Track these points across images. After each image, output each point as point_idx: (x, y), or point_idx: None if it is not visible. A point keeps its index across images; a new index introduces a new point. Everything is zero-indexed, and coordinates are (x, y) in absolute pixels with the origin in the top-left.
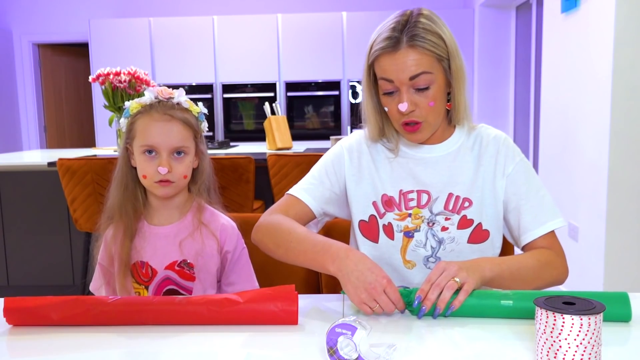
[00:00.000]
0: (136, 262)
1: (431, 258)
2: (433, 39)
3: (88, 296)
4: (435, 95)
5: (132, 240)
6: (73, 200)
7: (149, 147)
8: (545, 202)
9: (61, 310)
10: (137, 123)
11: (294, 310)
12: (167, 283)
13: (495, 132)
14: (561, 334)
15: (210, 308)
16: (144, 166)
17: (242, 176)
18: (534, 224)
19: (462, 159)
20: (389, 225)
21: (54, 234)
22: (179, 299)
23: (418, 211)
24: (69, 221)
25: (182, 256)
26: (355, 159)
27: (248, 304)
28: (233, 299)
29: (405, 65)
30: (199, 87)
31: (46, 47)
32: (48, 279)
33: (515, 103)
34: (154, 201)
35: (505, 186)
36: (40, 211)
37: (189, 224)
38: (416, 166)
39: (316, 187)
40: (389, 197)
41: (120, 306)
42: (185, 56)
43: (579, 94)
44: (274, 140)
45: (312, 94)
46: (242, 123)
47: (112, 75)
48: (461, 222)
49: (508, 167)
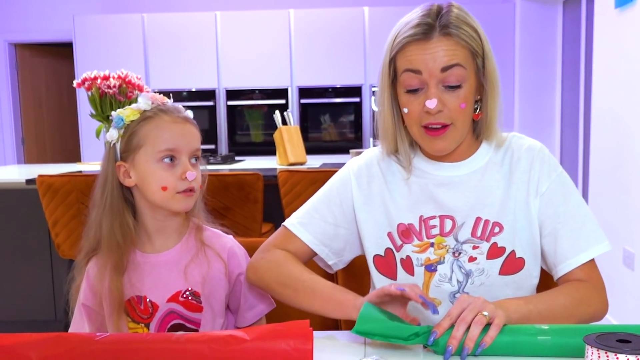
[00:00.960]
0: (131, 298)
1: (458, 294)
2: (469, 30)
3: (72, 333)
4: (467, 95)
5: (123, 275)
6: (55, 223)
7: (169, 151)
8: (587, 225)
9: (41, 349)
10: (143, 130)
11: (309, 349)
12: (171, 317)
13: (528, 143)
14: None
15: (212, 347)
16: (164, 176)
17: (249, 195)
18: (572, 251)
19: (490, 177)
20: (407, 259)
21: (33, 262)
22: (177, 336)
23: (441, 240)
24: (50, 247)
25: (187, 284)
26: (364, 185)
27: (256, 342)
28: (239, 336)
29: (437, 55)
30: (199, 94)
31: (24, 47)
32: (26, 313)
33: (562, 111)
34: (149, 225)
35: (539, 207)
36: (17, 235)
37: (191, 247)
38: (437, 188)
39: (316, 221)
40: (407, 225)
41: (110, 344)
42: (184, 58)
43: (636, 101)
44: (286, 154)
45: (329, 101)
46: (248, 134)
47: (100, 80)
48: (491, 250)
49: (542, 185)
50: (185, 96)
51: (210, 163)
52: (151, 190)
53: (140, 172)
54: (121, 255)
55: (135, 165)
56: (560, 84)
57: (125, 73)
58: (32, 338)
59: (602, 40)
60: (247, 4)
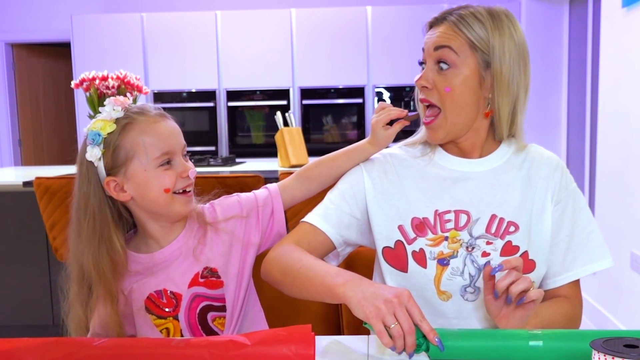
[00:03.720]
0: (150, 295)
1: (469, 288)
2: (475, 25)
3: (70, 338)
4: (452, 81)
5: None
6: (53, 225)
7: (165, 155)
8: (592, 241)
9: (38, 355)
10: (128, 140)
11: (311, 354)
12: (198, 302)
13: (548, 154)
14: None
15: (213, 352)
16: (165, 179)
17: None
18: (574, 264)
19: (507, 176)
20: (420, 252)
21: (30, 265)
22: (177, 341)
23: (456, 234)
24: (47, 250)
25: (201, 264)
26: (376, 179)
27: (257, 347)
28: (240, 341)
29: (435, 35)
30: (199, 94)
31: (21, 47)
32: (23, 318)
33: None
34: (156, 233)
35: (551, 218)
36: (14, 238)
37: (195, 230)
38: (455, 183)
39: (334, 212)
40: (421, 219)
41: (108, 350)
42: (184, 58)
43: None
44: (287, 155)
45: (332, 102)
46: (249, 136)
47: (98, 80)
48: (505, 248)
49: (559, 196)
50: (185, 97)
51: (210, 165)
52: (152, 197)
53: (138, 182)
54: (110, 286)
55: (130, 178)
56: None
57: (124, 73)
58: (29, 343)
59: (609, 40)
60: (248, 3)
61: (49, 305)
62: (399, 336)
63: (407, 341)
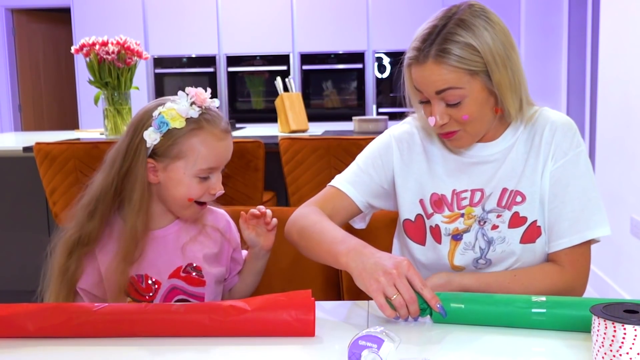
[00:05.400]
0: (131, 278)
1: (481, 260)
2: (464, 54)
3: (70, 303)
4: (469, 109)
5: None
6: (53, 191)
7: (209, 170)
8: (590, 208)
9: (39, 320)
10: (189, 143)
11: (311, 319)
12: (174, 293)
13: (555, 117)
14: (622, 347)
15: (212, 317)
16: (195, 189)
17: (249, 163)
18: (569, 231)
19: (516, 151)
20: (436, 227)
21: (30, 231)
22: (177, 307)
23: (471, 210)
24: (47, 216)
25: (186, 260)
26: (405, 151)
27: (257, 313)
28: (240, 306)
29: (430, 80)
30: (199, 60)
31: (21, 12)
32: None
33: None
34: (155, 212)
35: (549, 181)
36: (14, 204)
37: (191, 228)
38: (470, 166)
39: (362, 179)
40: (440, 196)
41: (108, 315)
42: (184, 23)
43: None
44: (287, 121)
45: (332, 67)
46: (249, 101)
47: (98, 46)
48: (513, 219)
49: (557, 160)
50: (185, 62)
51: None
52: (175, 196)
53: (172, 178)
54: (135, 247)
55: (169, 172)
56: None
57: (124, 39)
58: (29, 308)
59: (609, 5)
60: None
61: None
62: (402, 306)
63: (410, 310)
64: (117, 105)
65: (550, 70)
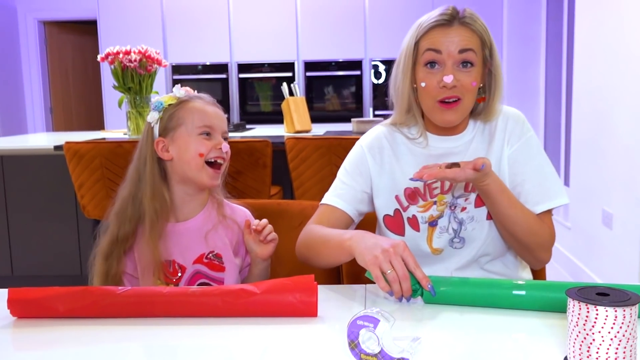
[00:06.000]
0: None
1: (455, 239)
2: (482, 25)
3: (96, 287)
4: (476, 76)
5: (159, 242)
6: (80, 185)
7: (207, 127)
8: (548, 181)
9: (68, 302)
10: (182, 111)
11: (314, 301)
12: (197, 277)
13: (506, 109)
14: (595, 326)
15: (225, 299)
16: (201, 145)
17: (258, 160)
18: (531, 203)
19: (477, 142)
20: (413, 217)
21: (60, 222)
22: (193, 290)
23: (442, 197)
24: (76, 208)
25: (209, 248)
26: (377, 156)
27: (265, 295)
28: (249, 289)
29: (457, 39)
30: (213, 67)
31: (52, 24)
32: (54, 269)
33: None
34: (177, 198)
35: (507, 163)
36: (46, 197)
37: (212, 217)
38: (438, 158)
39: (347, 191)
40: (413, 189)
41: (130, 297)
42: (199, 34)
43: (614, 74)
44: (292, 122)
45: (333, 74)
46: (258, 104)
47: (122, 55)
48: (478, 199)
49: (513, 144)
50: (200, 69)
51: None
52: (187, 158)
53: (179, 145)
54: (159, 223)
55: (175, 140)
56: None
57: (145, 48)
58: (59, 291)
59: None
60: None
61: (78, 257)
62: (395, 281)
63: (403, 286)
64: (138, 108)
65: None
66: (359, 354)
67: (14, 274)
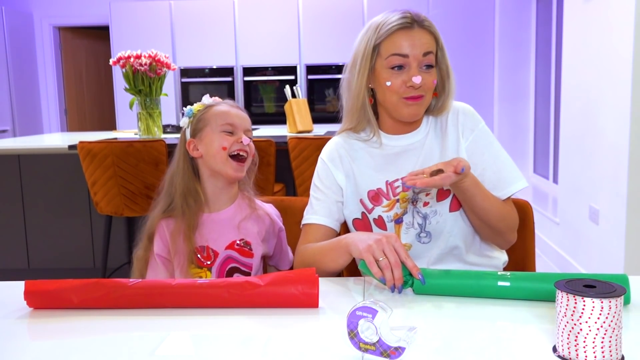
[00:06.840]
0: (196, 248)
1: (422, 234)
2: (435, 28)
3: (108, 279)
4: (435, 75)
5: (195, 232)
6: (94, 183)
7: (229, 125)
8: (506, 168)
9: (81, 293)
10: (210, 113)
11: (315, 293)
12: (229, 262)
13: (456, 104)
14: (582, 317)
15: (230, 291)
16: (224, 139)
17: (263, 159)
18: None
19: (431, 138)
20: (379, 218)
21: (74, 217)
22: (200, 282)
23: (404, 195)
24: (89, 204)
25: (240, 235)
26: (338, 164)
27: (269, 287)
28: (254, 281)
29: (420, 42)
30: (219, 70)
31: (67, 30)
32: (68, 262)
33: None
34: (209, 191)
35: (466, 157)
36: (60, 194)
37: (243, 209)
38: (395, 156)
39: (323, 205)
40: (375, 190)
41: (140, 289)
42: (206, 39)
43: (600, 78)
44: (295, 123)
45: (333, 76)
46: (262, 106)
47: (133, 59)
48: (439, 193)
49: (467, 136)
50: (207, 72)
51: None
52: (213, 153)
53: (206, 142)
54: (193, 215)
55: (202, 139)
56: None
57: (155, 52)
58: (73, 284)
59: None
60: None
61: (91, 251)
62: (387, 268)
63: (395, 274)
64: (149, 110)
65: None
66: (358, 343)
67: (30, 267)
